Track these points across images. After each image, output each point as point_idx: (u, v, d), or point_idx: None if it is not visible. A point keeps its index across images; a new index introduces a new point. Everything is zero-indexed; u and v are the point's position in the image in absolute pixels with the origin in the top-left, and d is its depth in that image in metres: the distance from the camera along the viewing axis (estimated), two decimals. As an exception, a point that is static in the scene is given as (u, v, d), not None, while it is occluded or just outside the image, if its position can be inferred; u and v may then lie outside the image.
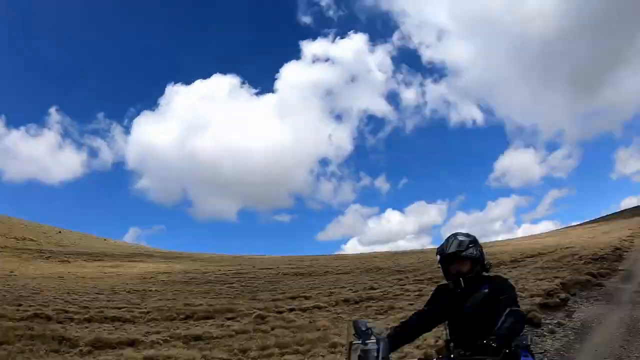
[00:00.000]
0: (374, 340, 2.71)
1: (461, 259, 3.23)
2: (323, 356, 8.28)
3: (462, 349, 2.91)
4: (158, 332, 11.74)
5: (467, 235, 3.34)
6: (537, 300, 12.96)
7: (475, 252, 3.26)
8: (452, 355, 2.67)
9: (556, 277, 17.30)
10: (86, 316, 14.64)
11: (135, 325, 13.57)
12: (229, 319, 14.32)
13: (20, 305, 16.68)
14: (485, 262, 3.33)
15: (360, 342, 2.72)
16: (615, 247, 30.76)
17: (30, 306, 16.32)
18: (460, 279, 3.20)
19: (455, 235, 3.33)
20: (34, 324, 12.95)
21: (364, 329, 2.74)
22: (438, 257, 3.33)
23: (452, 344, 3.29)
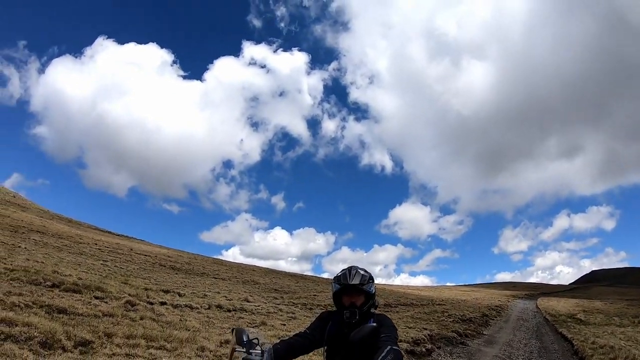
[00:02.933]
0: (259, 351, 2.70)
1: (359, 292, 3.34)
2: (190, 358, 8.23)
3: None
4: (20, 295, 11.05)
5: (366, 271, 3.45)
6: (405, 346, 13.72)
7: (372, 289, 3.39)
8: None
9: (425, 329, 18.34)
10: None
11: (-4, 282, 12.71)
12: (97, 297, 13.75)
13: None
14: (376, 301, 3.47)
15: (243, 350, 2.71)
16: (483, 314, 33.06)
17: None
18: (357, 310, 3.29)
19: (356, 268, 3.43)
20: None
21: (247, 338, 2.75)
22: (335, 285, 3.41)
23: None
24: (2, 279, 13.09)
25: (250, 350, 2.70)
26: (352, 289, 3.33)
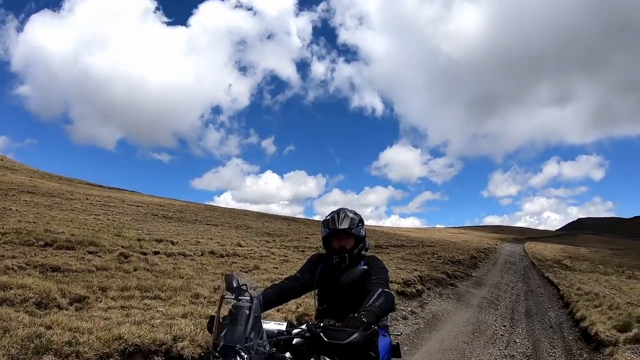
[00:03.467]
0: (248, 297, 2.66)
1: (348, 236, 3.38)
2: (184, 305, 8.51)
3: (332, 319, 2.93)
4: (13, 257, 11.23)
5: (355, 213, 3.47)
6: (396, 287, 14.17)
7: (361, 232, 3.42)
8: (321, 324, 2.67)
9: (415, 270, 18.86)
10: None
11: (-11, 246, 12.85)
12: (90, 252, 13.96)
13: None
14: (366, 243, 3.51)
15: (232, 297, 2.68)
16: (472, 256, 33.90)
17: None
18: (346, 255, 3.34)
19: (345, 211, 3.43)
20: None
21: (237, 284, 2.70)
22: (324, 229, 3.45)
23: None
24: (-6, 244, 13.23)
25: (239, 297, 2.66)
26: (341, 232, 3.37)
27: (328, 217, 3.47)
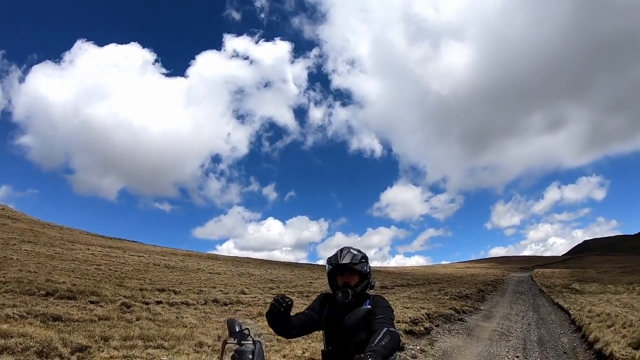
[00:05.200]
0: (251, 342, 2.61)
1: (351, 272, 3.29)
2: (188, 354, 8.31)
3: None
4: (14, 306, 11.07)
5: (359, 251, 3.39)
6: (403, 326, 13.83)
7: (365, 268, 3.33)
8: None
9: (422, 308, 18.50)
10: None
11: (-10, 295, 12.70)
12: (92, 302, 13.79)
13: None
14: (371, 280, 3.41)
15: (235, 342, 2.63)
16: (479, 289, 33.43)
17: None
18: (350, 291, 3.24)
19: (348, 248, 3.37)
20: None
21: (239, 329, 2.67)
22: (328, 266, 3.38)
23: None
24: (-5, 293, 13.08)
25: (242, 342, 2.61)
26: (344, 268, 3.30)
27: (332, 255, 3.41)
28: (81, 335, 8.98)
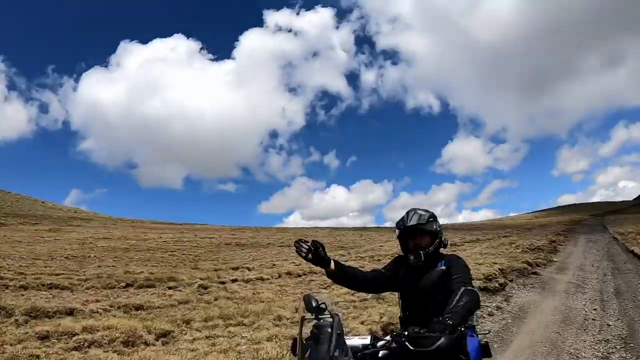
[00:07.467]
0: (328, 316, 2.61)
1: (421, 233, 3.19)
2: (268, 329, 8.30)
3: (416, 326, 2.66)
4: (97, 301, 11.46)
5: (427, 210, 3.30)
6: (477, 283, 13.40)
7: (435, 227, 3.23)
8: (406, 332, 2.49)
9: (495, 263, 17.96)
10: (22, 283, 14.06)
11: (74, 293, 13.16)
12: (170, 288, 14.15)
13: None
14: (443, 239, 3.31)
15: (313, 317, 2.65)
16: (551, 240, 32.28)
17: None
18: (421, 252, 3.15)
19: (415, 209, 3.28)
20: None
21: (316, 304, 2.67)
22: (397, 230, 3.27)
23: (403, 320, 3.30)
24: (78, 290, 13.61)
25: (320, 316, 2.61)
26: (414, 230, 3.18)
27: (399, 218, 3.29)
28: (163, 321, 9.14)
